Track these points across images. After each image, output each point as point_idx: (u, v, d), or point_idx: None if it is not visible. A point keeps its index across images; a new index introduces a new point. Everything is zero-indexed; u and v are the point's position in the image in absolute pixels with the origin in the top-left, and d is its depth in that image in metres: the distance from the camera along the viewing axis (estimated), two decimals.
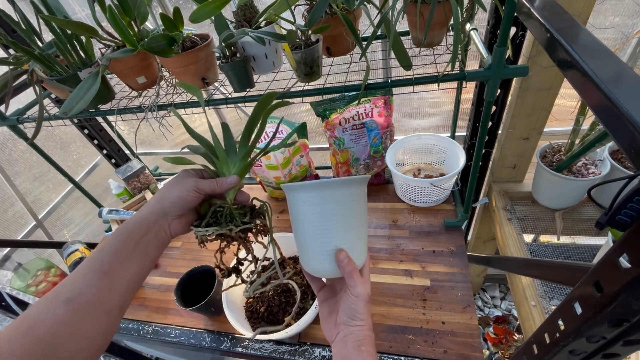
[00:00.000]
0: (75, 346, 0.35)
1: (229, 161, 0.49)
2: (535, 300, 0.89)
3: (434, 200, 1.12)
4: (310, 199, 0.44)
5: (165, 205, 0.43)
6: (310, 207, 0.45)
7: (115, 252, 0.40)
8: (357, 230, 0.47)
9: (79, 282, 0.37)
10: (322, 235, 0.45)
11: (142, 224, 0.42)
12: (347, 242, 0.46)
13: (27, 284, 1.01)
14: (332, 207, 0.44)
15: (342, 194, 0.44)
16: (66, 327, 0.35)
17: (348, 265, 0.44)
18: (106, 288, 0.38)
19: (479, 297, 1.95)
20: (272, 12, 0.66)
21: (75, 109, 0.67)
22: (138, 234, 0.42)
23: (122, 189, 1.42)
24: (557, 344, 0.38)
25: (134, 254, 0.41)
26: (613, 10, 1.03)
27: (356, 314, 0.44)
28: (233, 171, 0.49)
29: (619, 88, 0.32)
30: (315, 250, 0.46)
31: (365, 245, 0.49)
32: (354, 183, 0.45)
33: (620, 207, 0.27)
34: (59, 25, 0.69)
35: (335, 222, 0.45)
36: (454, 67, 0.61)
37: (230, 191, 0.48)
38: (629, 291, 0.28)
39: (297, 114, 1.60)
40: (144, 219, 0.43)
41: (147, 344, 1.36)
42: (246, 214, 0.49)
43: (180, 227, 0.46)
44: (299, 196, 0.45)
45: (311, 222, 0.45)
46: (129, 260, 0.40)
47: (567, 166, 0.99)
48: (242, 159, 0.50)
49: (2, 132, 1.42)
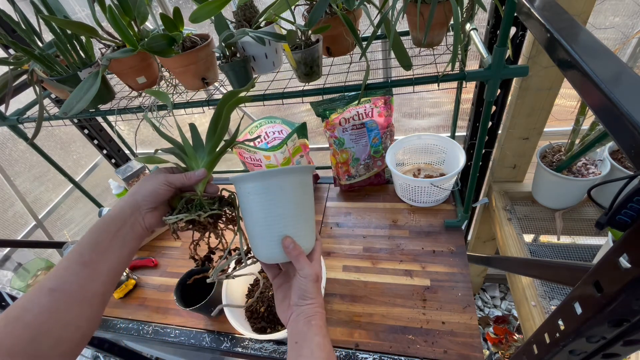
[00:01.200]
0: (61, 332, 0.37)
1: (197, 156, 0.53)
2: (535, 300, 0.89)
3: (434, 200, 1.12)
4: (255, 189, 0.47)
5: (138, 199, 0.46)
6: (255, 196, 0.47)
7: (94, 244, 0.43)
8: (302, 217, 0.49)
9: (61, 273, 0.40)
10: (268, 223, 0.47)
11: (117, 218, 0.45)
12: (292, 229, 0.48)
13: (27, 284, 1.01)
14: (276, 196, 0.46)
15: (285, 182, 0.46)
16: (51, 314, 0.37)
17: (294, 250, 0.47)
18: (87, 278, 0.41)
19: (479, 297, 1.95)
20: (272, 12, 0.66)
21: (75, 109, 0.67)
22: (114, 226, 0.44)
23: (122, 189, 1.42)
24: (557, 344, 0.38)
25: (111, 246, 0.43)
26: (613, 10, 1.03)
27: (306, 294, 0.48)
28: (201, 165, 0.52)
29: (619, 88, 0.32)
30: (263, 237, 0.49)
31: (312, 230, 0.51)
32: (296, 172, 0.48)
33: (620, 207, 0.27)
34: (59, 25, 0.69)
35: (280, 210, 0.47)
36: (454, 67, 0.61)
37: (199, 184, 0.51)
38: (629, 291, 0.28)
39: (297, 114, 1.60)
40: (119, 212, 0.45)
41: (147, 344, 1.36)
42: (215, 203, 0.52)
43: (154, 220, 0.48)
44: (245, 187, 0.47)
45: (257, 211, 0.47)
46: (107, 251, 0.43)
47: (567, 166, 0.99)
48: (209, 153, 0.53)
49: (2, 132, 1.42)
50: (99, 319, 0.42)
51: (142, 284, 1.14)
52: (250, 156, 1.12)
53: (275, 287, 0.53)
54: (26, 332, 0.35)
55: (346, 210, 1.21)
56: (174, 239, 0.50)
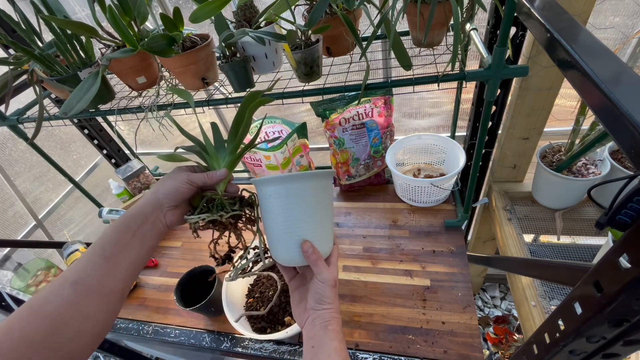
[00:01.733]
0: (80, 325, 0.38)
1: (218, 156, 0.53)
2: (535, 300, 0.89)
3: (434, 200, 1.12)
4: (276, 192, 0.47)
5: (159, 197, 0.47)
6: (276, 199, 0.47)
7: (116, 240, 0.43)
8: (322, 222, 0.49)
9: (83, 267, 0.41)
10: (288, 226, 0.48)
11: (139, 215, 0.45)
12: (311, 233, 0.48)
13: (27, 284, 1.01)
14: (297, 200, 0.47)
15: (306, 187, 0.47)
16: (72, 307, 0.38)
17: (313, 255, 0.47)
18: (108, 272, 0.41)
19: (479, 297, 1.95)
20: (272, 12, 0.66)
21: (75, 109, 0.67)
22: (135, 223, 0.45)
23: (122, 189, 1.42)
24: (557, 344, 0.38)
25: (132, 242, 0.44)
26: (613, 10, 1.03)
27: (323, 299, 0.47)
28: (222, 165, 0.53)
29: (619, 88, 0.32)
30: (282, 240, 0.49)
31: (330, 235, 0.51)
32: (317, 177, 0.48)
33: (620, 207, 0.27)
34: (59, 25, 0.69)
35: (300, 214, 0.47)
36: (454, 67, 0.61)
37: (220, 183, 0.51)
38: (629, 291, 0.28)
39: (297, 114, 1.60)
40: (140, 210, 0.46)
41: (147, 344, 1.36)
42: (236, 204, 0.52)
43: (175, 218, 0.49)
44: (266, 189, 0.48)
45: (278, 214, 0.48)
46: (128, 247, 0.44)
47: (567, 166, 0.99)
48: (230, 153, 0.53)
49: (2, 132, 1.42)
50: (116, 314, 0.43)
51: (142, 284, 1.14)
52: (250, 156, 1.12)
53: (292, 289, 0.53)
54: (47, 323, 0.36)
55: (346, 210, 1.21)
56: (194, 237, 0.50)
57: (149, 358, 1.58)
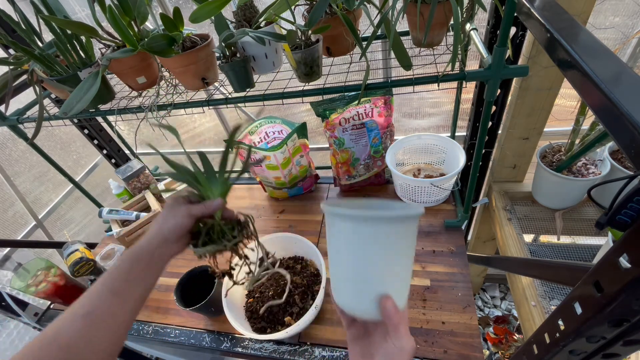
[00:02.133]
0: (90, 355, 0.40)
1: (211, 186, 0.55)
2: (535, 300, 0.89)
3: (434, 200, 1.12)
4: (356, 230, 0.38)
5: (165, 233, 0.50)
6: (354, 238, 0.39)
7: (125, 275, 0.46)
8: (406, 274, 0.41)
9: (94, 299, 0.43)
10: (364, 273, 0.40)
11: (146, 249, 0.49)
12: (393, 287, 0.40)
13: (27, 284, 1.01)
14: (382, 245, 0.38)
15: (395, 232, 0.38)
16: (83, 338, 0.40)
17: (395, 316, 0.39)
18: (117, 305, 0.44)
19: (479, 297, 1.95)
20: (272, 12, 0.66)
21: (75, 109, 0.67)
22: (144, 258, 0.48)
23: (122, 189, 1.42)
24: (557, 344, 0.38)
25: (141, 276, 0.47)
26: (613, 10, 1.03)
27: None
28: (217, 194, 0.55)
29: (619, 88, 0.32)
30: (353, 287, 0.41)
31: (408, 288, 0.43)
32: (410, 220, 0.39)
33: (620, 207, 0.27)
34: (59, 25, 0.69)
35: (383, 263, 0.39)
36: (454, 67, 0.61)
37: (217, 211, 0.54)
38: (629, 291, 0.28)
39: (297, 114, 1.60)
40: (148, 245, 0.49)
41: (147, 344, 1.36)
42: (234, 228, 0.55)
43: (179, 248, 0.52)
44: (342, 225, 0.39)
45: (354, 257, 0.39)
46: (137, 281, 0.47)
47: (567, 166, 0.99)
48: (222, 183, 0.55)
49: (2, 132, 1.42)
50: (122, 343, 0.45)
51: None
52: (251, 156, 1.12)
53: (350, 339, 0.47)
54: (60, 354, 0.38)
55: None
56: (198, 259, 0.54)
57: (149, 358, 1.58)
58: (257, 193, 1.37)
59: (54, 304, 1.15)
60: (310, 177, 1.29)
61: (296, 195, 1.31)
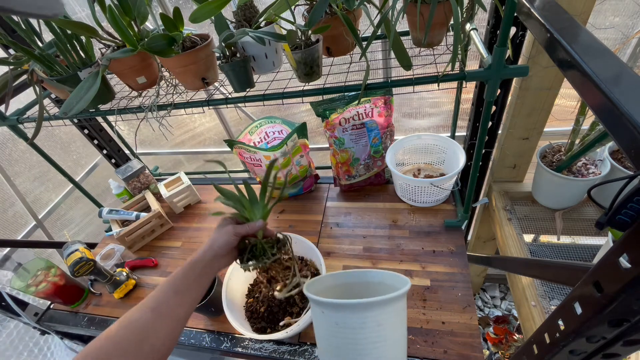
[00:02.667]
0: (155, 342, 0.48)
1: (254, 209, 0.63)
2: (535, 300, 0.89)
3: (434, 200, 1.12)
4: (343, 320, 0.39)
5: (215, 248, 0.59)
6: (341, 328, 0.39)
7: (183, 277, 0.55)
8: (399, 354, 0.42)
9: (160, 297, 0.52)
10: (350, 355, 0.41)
11: (201, 261, 0.58)
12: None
13: (27, 284, 1.01)
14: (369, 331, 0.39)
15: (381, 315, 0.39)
16: (151, 326, 0.49)
17: None
18: (177, 303, 0.53)
19: (479, 297, 1.95)
20: (272, 12, 0.66)
21: (75, 109, 0.67)
22: (199, 267, 0.57)
23: (122, 189, 1.42)
24: (557, 344, 0.38)
25: (195, 281, 0.56)
26: (613, 10, 1.03)
27: None
28: (258, 216, 0.64)
29: (619, 88, 0.32)
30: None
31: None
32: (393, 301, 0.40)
33: (620, 207, 0.27)
34: (59, 25, 0.69)
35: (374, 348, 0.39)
36: (454, 67, 0.61)
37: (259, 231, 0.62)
38: (629, 291, 0.28)
39: (297, 114, 1.60)
40: (202, 257, 0.58)
41: None
42: (273, 246, 0.64)
43: (226, 261, 0.62)
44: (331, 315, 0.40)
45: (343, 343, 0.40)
46: (193, 285, 0.56)
47: (567, 166, 0.99)
48: (263, 207, 0.64)
49: (2, 132, 1.42)
50: (178, 337, 0.53)
51: (142, 284, 1.14)
52: (251, 156, 1.12)
53: None
54: (135, 335, 0.47)
55: (346, 210, 1.21)
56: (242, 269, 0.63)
57: None
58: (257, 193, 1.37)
59: (54, 304, 1.15)
60: (310, 176, 1.29)
61: (296, 195, 1.31)
